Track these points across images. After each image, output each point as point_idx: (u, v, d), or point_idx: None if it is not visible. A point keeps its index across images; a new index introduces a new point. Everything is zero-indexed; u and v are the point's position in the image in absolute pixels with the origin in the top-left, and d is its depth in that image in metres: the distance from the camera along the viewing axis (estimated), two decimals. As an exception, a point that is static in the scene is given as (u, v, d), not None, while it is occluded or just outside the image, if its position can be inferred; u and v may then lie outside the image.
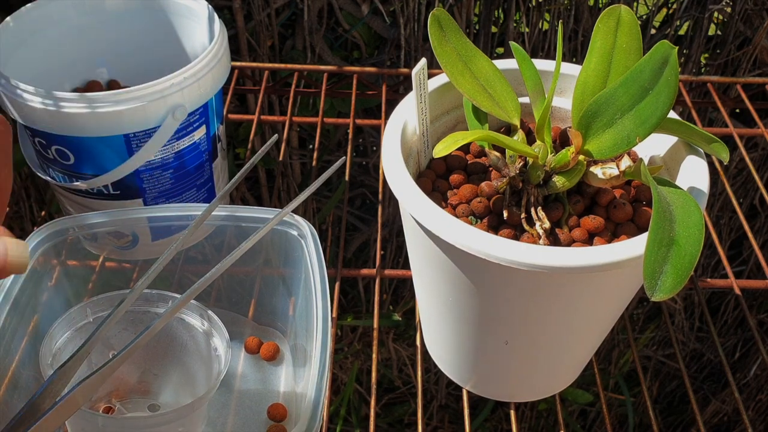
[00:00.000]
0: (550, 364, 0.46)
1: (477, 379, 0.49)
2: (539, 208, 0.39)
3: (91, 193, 0.58)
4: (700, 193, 0.38)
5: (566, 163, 0.38)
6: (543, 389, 0.50)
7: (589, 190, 0.40)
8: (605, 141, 0.37)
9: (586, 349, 0.47)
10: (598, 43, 0.39)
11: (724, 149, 0.38)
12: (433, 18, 0.42)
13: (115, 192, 0.58)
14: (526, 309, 0.40)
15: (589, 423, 1.22)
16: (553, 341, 0.43)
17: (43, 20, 0.61)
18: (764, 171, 0.99)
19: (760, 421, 1.18)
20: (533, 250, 0.35)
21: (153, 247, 0.58)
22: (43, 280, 0.53)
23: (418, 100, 0.41)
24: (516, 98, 0.42)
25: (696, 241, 0.32)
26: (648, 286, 0.31)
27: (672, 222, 0.33)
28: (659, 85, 0.35)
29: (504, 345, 0.43)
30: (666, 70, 0.34)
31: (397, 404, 1.20)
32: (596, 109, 0.37)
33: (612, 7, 0.39)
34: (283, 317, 0.57)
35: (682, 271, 0.32)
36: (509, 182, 0.40)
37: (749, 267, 1.08)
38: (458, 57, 0.42)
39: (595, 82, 0.39)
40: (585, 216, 0.39)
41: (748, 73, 0.91)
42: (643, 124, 0.35)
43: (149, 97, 0.52)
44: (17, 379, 0.49)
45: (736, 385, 0.54)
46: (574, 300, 0.39)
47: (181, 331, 0.50)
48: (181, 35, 0.65)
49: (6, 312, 0.49)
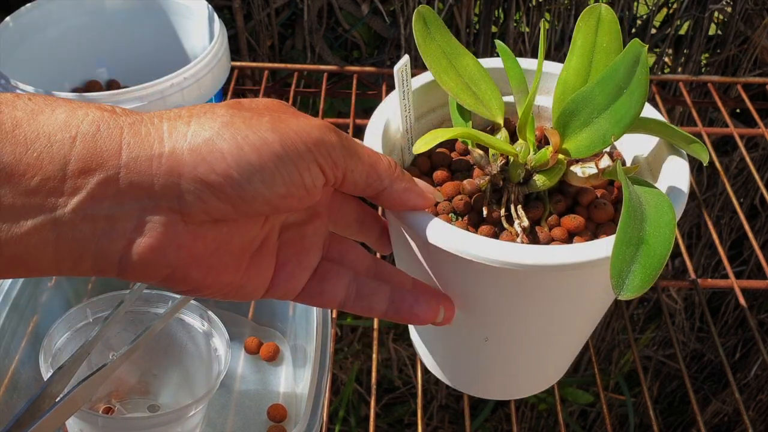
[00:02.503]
0: (532, 362, 0.46)
1: (461, 377, 0.48)
2: (519, 206, 0.38)
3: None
4: (680, 193, 0.37)
5: (545, 162, 0.38)
6: (527, 387, 0.50)
7: (571, 189, 0.40)
8: (582, 140, 0.37)
9: (569, 347, 0.47)
10: (579, 42, 0.39)
11: (703, 150, 0.38)
12: (418, 15, 0.42)
13: (114, 192, 0.58)
14: (503, 306, 0.40)
15: (589, 423, 1.22)
16: (533, 339, 0.43)
17: (43, 20, 0.61)
18: (765, 171, 0.99)
19: (760, 421, 1.18)
20: (504, 247, 0.35)
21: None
22: (42, 280, 0.53)
23: (401, 96, 0.41)
24: (500, 97, 0.42)
25: (666, 240, 0.32)
26: (615, 284, 0.31)
27: (642, 221, 0.33)
28: (632, 84, 0.34)
29: (484, 342, 0.43)
30: (638, 68, 0.34)
31: (397, 404, 1.20)
32: (574, 108, 0.37)
33: (593, 6, 0.39)
34: (283, 318, 0.57)
35: (651, 270, 0.31)
36: (491, 180, 0.40)
37: (750, 267, 1.08)
38: (443, 54, 0.42)
39: (575, 81, 0.39)
40: (566, 216, 0.39)
41: (748, 73, 0.91)
42: (617, 123, 0.35)
43: (149, 98, 0.52)
44: (17, 379, 0.49)
45: (736, 385, 0.53)
46: (550, 299, 0.39)
47: (181, 331, 0.49)
48: (181, 35, 0.65)
49: (6, 312, 0.49)
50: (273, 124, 0.30)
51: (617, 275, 0.31)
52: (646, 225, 0.33)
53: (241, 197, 0.29)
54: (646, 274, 0.31)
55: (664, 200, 0.34)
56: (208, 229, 0.30)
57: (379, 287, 0.37)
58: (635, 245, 0.32)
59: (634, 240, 0.32)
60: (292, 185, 0.30)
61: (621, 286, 0.31)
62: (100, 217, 0.28)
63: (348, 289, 0.36)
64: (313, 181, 0.31)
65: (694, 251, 1.08)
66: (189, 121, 0.29)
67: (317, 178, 0.31)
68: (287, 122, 0.31)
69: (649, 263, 0.32)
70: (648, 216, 0.33)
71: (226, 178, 0.29)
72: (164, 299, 0.49)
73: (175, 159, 0.28)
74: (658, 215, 0.33)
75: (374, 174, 0.34)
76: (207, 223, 0.30)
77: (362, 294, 0.36)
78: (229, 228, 0.31)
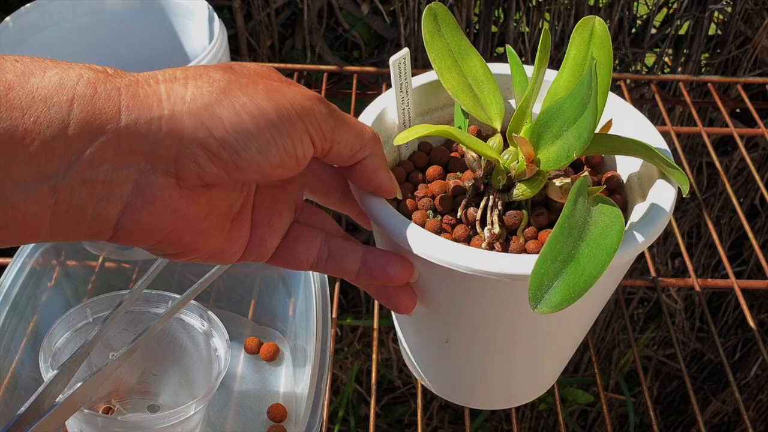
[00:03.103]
0: (500, 372, 0.45)
1: (432, 379, 0.48)
2: (495, 213, 0.38)
3: (91, 193, 0.58)
4: (660, 212, 0.36)
5: (524, 172, 0.38)
6: (499, 399, 0.49)
7: (556, 204, 0.39)
8: (551, 152, 0.36)
9: (541, 362, 0.46)
10: (572, 53, 0.39)
11: (684, 180, 0.36)
12: (429, 11, 0.41)
13: (114, 192, 0.58)
14: (460, 309, 0.39)
15: (589, 423, 1.22)
16: (500, 347, 0.42)
17: (43, 20, 0.61)
18: (765, 171, 0.99)
19: (760, 421, 1.18)
20: (453, 249, 0.35)
21: (153, 247, 0.58)
22: (42, 280, 0.53)
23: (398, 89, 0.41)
24: (502, 101, 0.42)
25: (599, 263, 0.31)
26: (531, 296, 0.31)
27: (578, 239, 0.32)
28: (591, 98, 0.34)
29: (444, 343, 0.42)
30: (593, 81, 0.34)
31: (397, 404, 1.20)
32: (547, 120, 0.36)
33: (586, 18, 0.39)
34: (283, 317, 0.57)
35: (575, 289, 0.31)
36: (474, 183, 0.40)
37: (750, 267, 1.08)
38: (449, 53, 0.42)
39: (564, 93, 0.39)
40: (546, 229, 0.39)
41: (748, 73, 0.91)
42: (579, 137, 0.34)
43: (149, 97, 0.52)
44: (17, 379, 0.49)
45: (736, 385, 0.53)
46: (500, 307, 0.38)
47: (181, 331, 0.49)
48: (181, 35, 0.65)
49: (5, 312, 0.49)
50: (268, 93, 0.30)
51: (536, 288, 0.31)
52: (582, 244, 0.32)
53: (237, 164, 0.29)
54: (568, 292, 0.31)
55: (616, 225, 0.33)
56: (200, 194, 0.30)
57: (352, 248, 0.37)
58: (562, 262, 0.31)
59: (562, 256, 0.31)
60: (285, 155, 0.31)
61: (539, 299, 0.31)
62: (98, 182, 0.27)
63: (320, 250, 0.36)
64: (304, 152, 0.32)
65: (694, 251, 1.08)
66: (186, 83, 0.29)
67: (308, 149, 0.32)
68: (281, 91, 0.31)
69: (573, 282, 0.31)
70: (588, 236, 0.32)
71: (224, 144, 0.29)
72: (164, 299, 0.49)
73: (174, 122, 0.28)
74: (600, 237, 0.32)
75: (359, 143, 0.34)
76: (199, 188, 0.30)
77: (334, 255, 0.36)
78: (217, 192, 0.31)
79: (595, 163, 0.44)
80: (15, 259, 0.52)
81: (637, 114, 0.43)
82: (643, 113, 0.43)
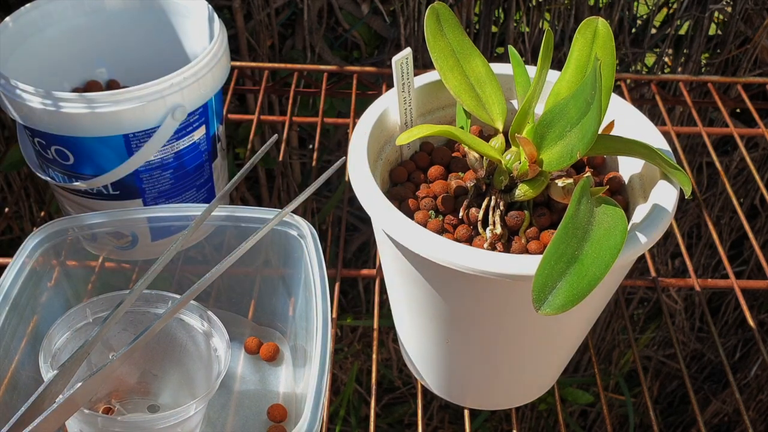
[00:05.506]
0: (500, 372, 0.45)
1: (432, 379, 0.48)
2: (497, 213, 0.38)
3: (91, 193, 0.58)
4: (663, 213, 0.37)
5: (526, 172, 0.37)
6: (499, 399, 0.49)
7: (558, 205, 0.39)
8: (554, 153, 0.36)
9: (541, 362, 0.46)
10: (575, 54, 0.39)
11: (686, 180, 0.37)
12: (432, 11, 0.41)
13: (114, 192, 0.58)
14: (461, 309, 0.39)
15: (589, 423, 1.22)
16: (497, 348, 0.42)
17: (42, 20, 0.61)
18: (765, 171, 0.99)
19: (760, 421, 1.18)
20: (455, 249, 0.35)
21: (152, 247, 0.58)
22: (42, 280, 0.53)
23: (400, 89, 0.41)
24: (504, 102, 0.42)
25: (603, 264, 0.31)
26: (535, 298, 0.31)
27: (582, 240, 0.32)
28: (596, 99, 0.34)
29: (444, 343, 0.42)
30: (598, 82, 0.34)
31: (397, 404, 1.20)
32: (550, 120, 0.36)
33: (589, 19, 0.39)
34: (283, 318, 0.57)
35: (579, 290, 0.31)
36: (476, 183, 0.39)
37: (750, 267, 1.08)
38: (451, 53, 0.42)
39: (567, 93, 0.39)
40: (548, 230, 0.39)
41: (748, 73, 0.91)
42: (582, 138, 0.34)
43: (149, 97, 0.52)
44: (17, 379, 0.49)
45: (736, 385, 0.53)
46: (512, 309, 0.38)
47: (181, 331, 0.49)
48: (181, 35, 0.65)
49: (5, 313, 0.49)
50: None
51: (539, 290, 0.31)
52: (586, 245, 0.32)
53: None
54: (571, 294, 0.31)
55: (619, 225, 0.33)
56: None
57: None
58: (566, 263, 0.31)
59: (566, 257, 0.31)
60: None
61: (542, 302, 0.31)
62: None
63: None
64: None
65: (694, 251, 1.08)
66: None
67: None
68: None
69: (577, 283, 0.31)
70: (592, 237, 0.32)
71: None
72: (164, 299, 0.49)
73: None
74: (604, 238, 0.32)
75: None
76: None
77: None
78: None
79: (596, 164, 0.44)
80: (15, 259, 0.52)
81: (638, 114, 0.43)
82: (643, 113, 0.43)
